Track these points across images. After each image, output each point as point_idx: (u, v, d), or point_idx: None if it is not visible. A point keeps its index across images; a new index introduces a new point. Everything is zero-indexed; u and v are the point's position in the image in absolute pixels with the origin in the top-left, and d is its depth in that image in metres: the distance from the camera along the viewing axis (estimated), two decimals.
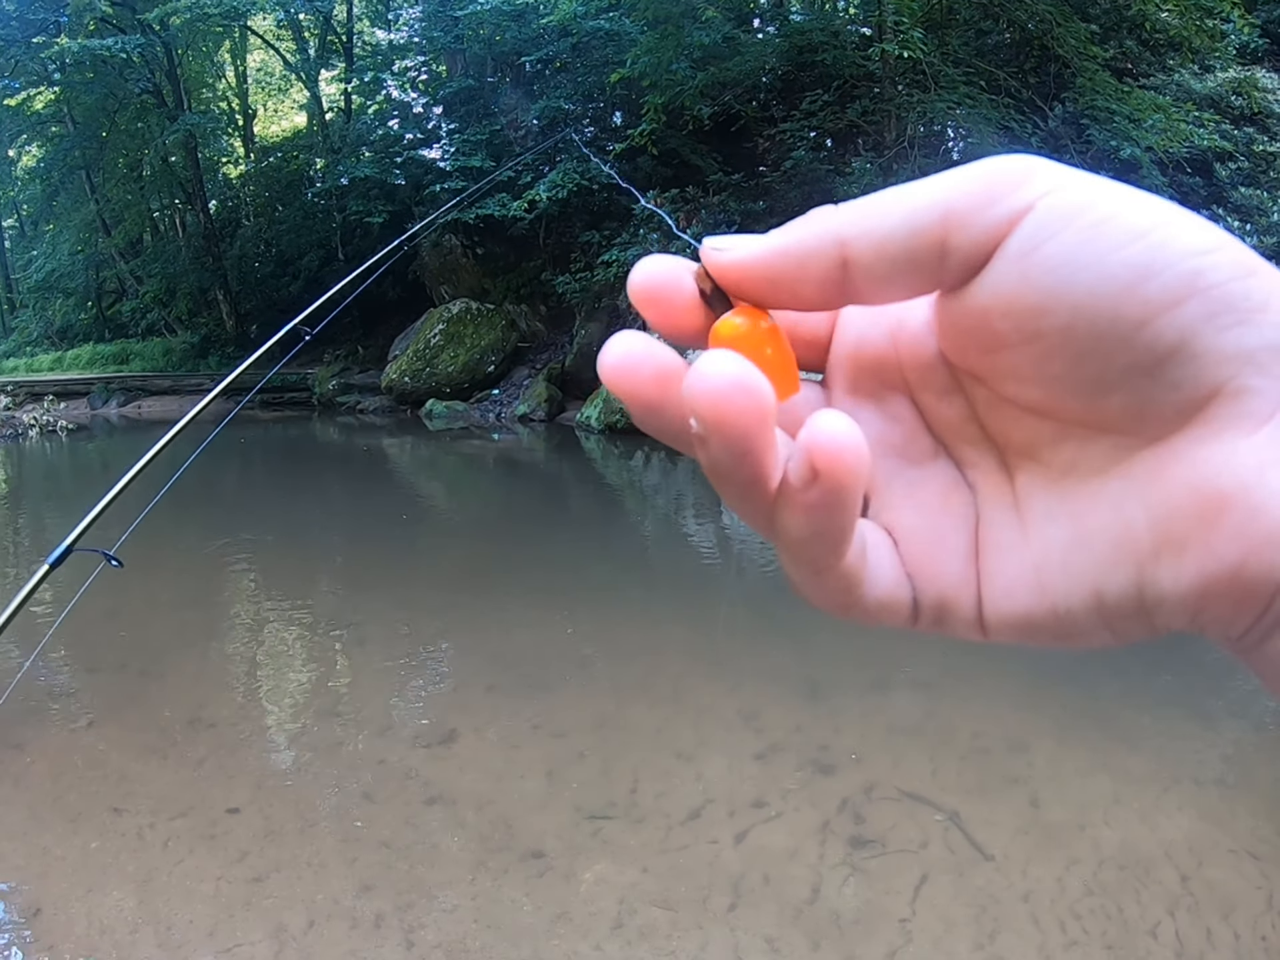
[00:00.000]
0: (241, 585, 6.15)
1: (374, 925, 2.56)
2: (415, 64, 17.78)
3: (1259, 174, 11.09)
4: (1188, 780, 3.88)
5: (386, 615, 5.24)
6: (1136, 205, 0.24)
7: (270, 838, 2.94)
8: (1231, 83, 11.06)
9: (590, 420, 12.06)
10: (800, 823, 3.23)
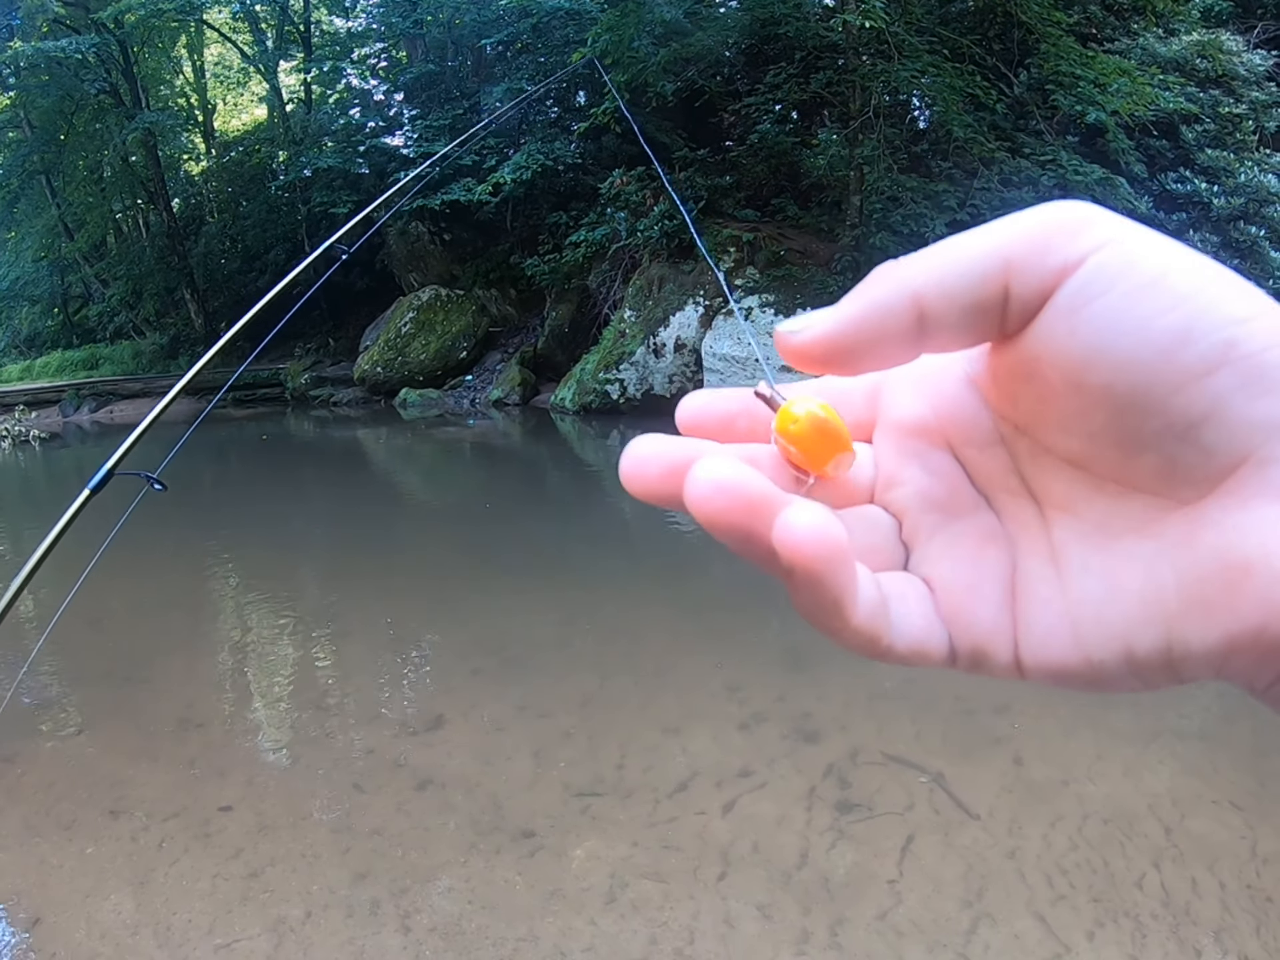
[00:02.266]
0: (223, 584, 6.13)
1: (370, 912, 2.58)
2: (374, 51, 17.60)
3: (1225, 136, 11.15)
4: (1169, 735, 3.94)
5: (369, 606, 5.25)
6: (1182, 268, 0.25)
7: (264, 833, 2.95)
8: (1196, 46, 11.09)
9: (565, 402, 12.05)
10: (786, 790, 3.27)
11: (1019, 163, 10.61)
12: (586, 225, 12.97)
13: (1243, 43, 11.49)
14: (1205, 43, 11.09)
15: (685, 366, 11.56)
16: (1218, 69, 11.13)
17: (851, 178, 11.54)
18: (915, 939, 2.59)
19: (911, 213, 10.81)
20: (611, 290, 12.86)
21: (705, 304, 11.47)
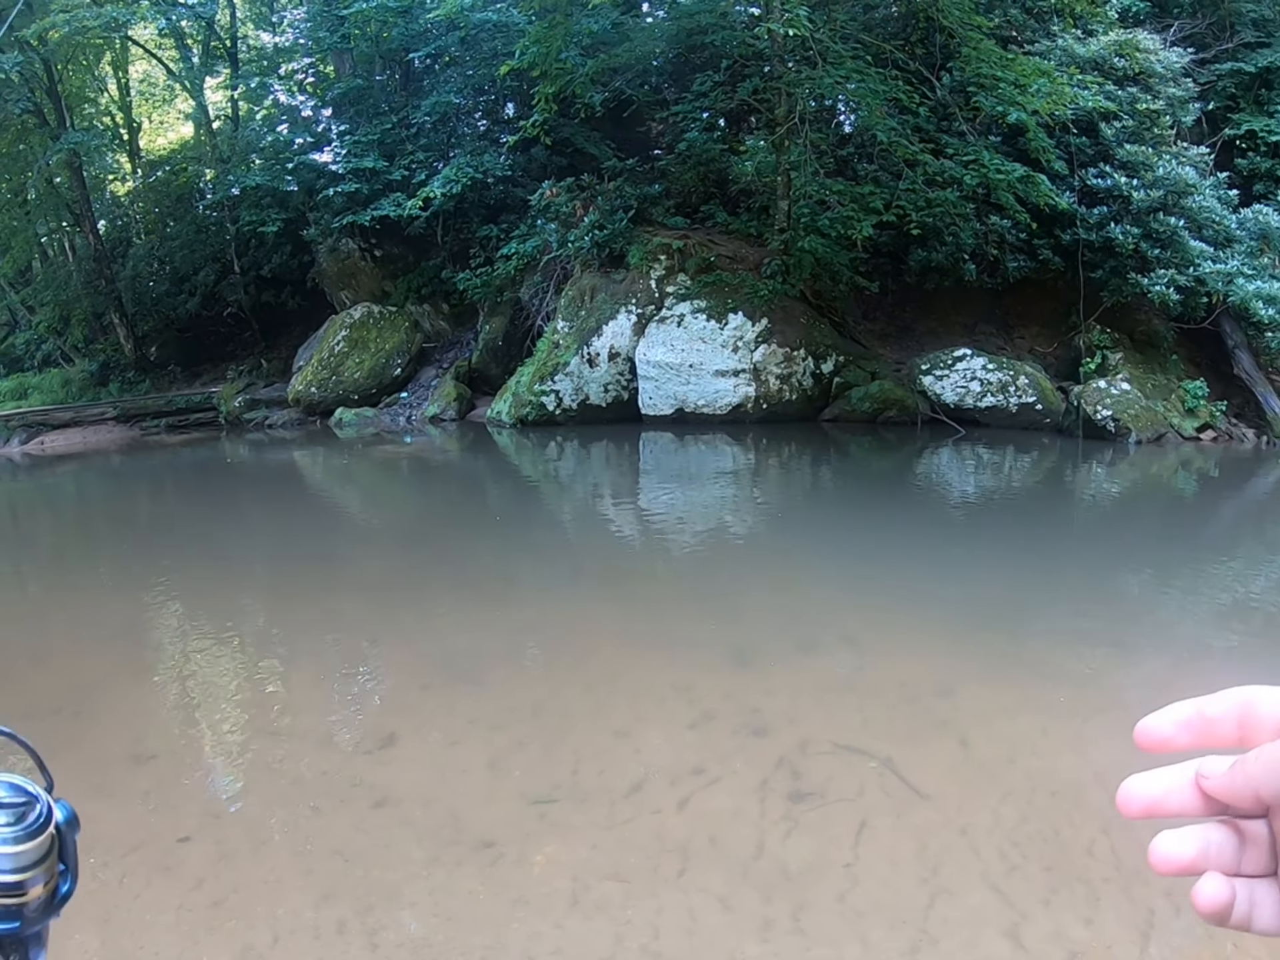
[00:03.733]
0: (166, 613, 6.01)
1: (337, 933, 2.57)
2: (302, 66, 17.38)
3: (1143, 131, 11.53)
4: (1112, 708, 4.05)
5: (315, 628, 5.19)
6: None
7: (224, 861, 2.92)
8: (1114, 45, 11.45)
9: (501, 415, 12.02)
10: (739, 784, 3.31)
11: (943, 163, 10.86)
12: (517, 237, 12.97)
13: (1159, 41, 11.88)
14: (1123, 42, 11.45)
15: (620, 375, 11.61)
16: (1135, 67, 11.50)
17: (779, 183, 11.72)
18: (875, 918, 2.64)
19: (839, 215, 11.00)
20: (544, 302, 12.87)
21: (638, 312, 11.54)
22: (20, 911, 0.53)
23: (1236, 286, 10.59)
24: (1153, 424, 10.66)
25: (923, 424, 11.16)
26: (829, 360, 11.64)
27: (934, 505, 8.40)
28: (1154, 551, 7.08)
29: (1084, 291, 11.91)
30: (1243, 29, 12.91)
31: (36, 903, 0.54)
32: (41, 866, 0.54)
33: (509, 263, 12.83)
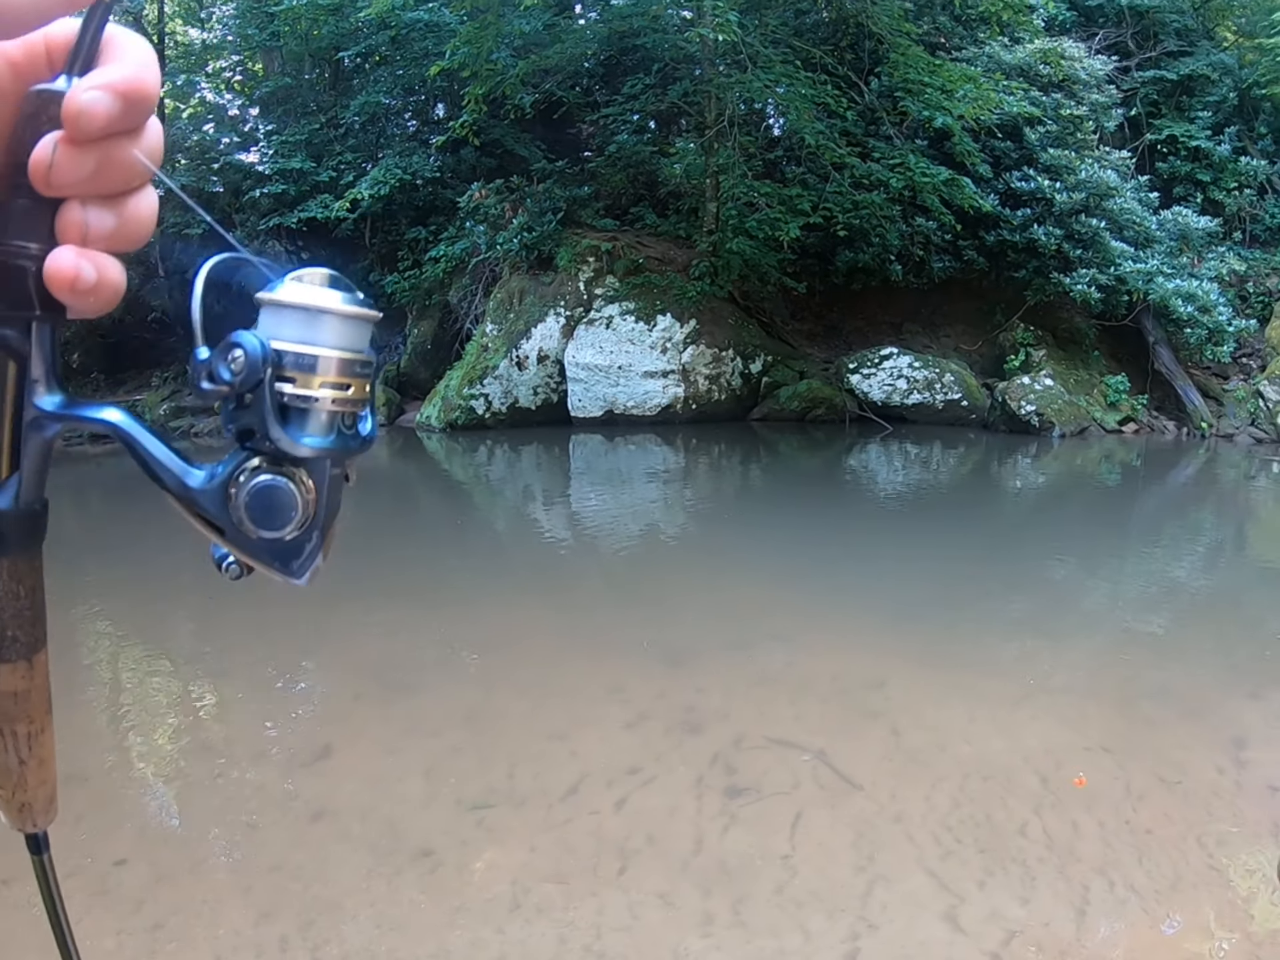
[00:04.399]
0: (94, 631, 5.81)
1: (279, 950, 2.51)
2: (230, 63, 17.01)
3: (1066, 136, 11.90)
4: (1039, 693, 4.16)
5: (245, 641, 5.06)
6: None
7: (162, 883, 2.83)
8: (1039, 53, 11.79)
9: (430, 420, 11.88)
10: (675, 782, 3.31)
11: (870, 166, 11.06)
12: (446, 240, 12.86)
13: (1084, 49, 12.29)
14: (1048, 50, 11.79)
15: (549, 378, 11.58)
16: (1060, 74, 11.87)
17: (708, 185, 11.81)
18: (814, 908, 2.66)
19: (766, 217, 11.12)
20: (473, 305, 12.78)
21: (566, 314, 11.52)
22: None
23: (1156, 285, 10.98)
24: (1076, 418, 10.98)
25: (851, 422, 11.34)
26: (757, 360, 11.75)
27: (864, 501, 8.51)
28: (1080, 541, 7.26)
29: (1008, 291, 12.25)
30: (1165, 38, 13.42)
31: None
32: None
33: (437, 265, 12.71)
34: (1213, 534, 7.97)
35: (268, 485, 0.42)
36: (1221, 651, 4.85)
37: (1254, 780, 3.41)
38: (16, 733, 0.46)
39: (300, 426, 0.42)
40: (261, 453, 0.43)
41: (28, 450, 0.42)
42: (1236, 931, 2.63)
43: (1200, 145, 12.96)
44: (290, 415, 0.42)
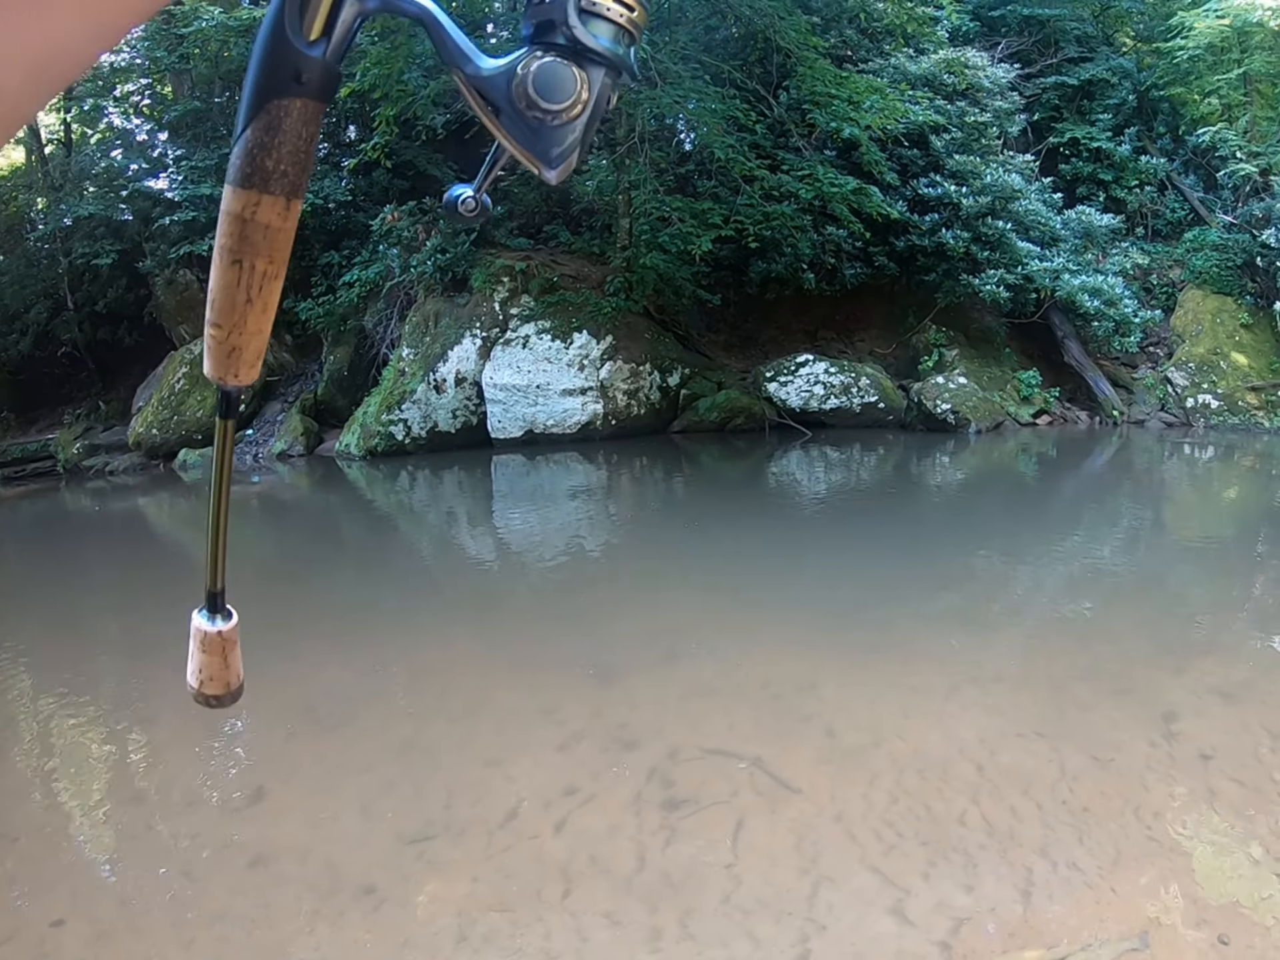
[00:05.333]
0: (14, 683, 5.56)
1: None
2: (139, 87, 16.51)
3: (971, 142, 12.26)
4: (968, 684, 4.20)
5: (172, 684, 4.82)
6: None
7: (102, 940, 2.71)
8: (943, 63, 12.13)
9: (350, 448, 11.69)
10: (613, 800, 3.28)
11: (780, 178, 11.23)
12: (359, 264, 12.70)
13: (987, 58, 12.68)
14: (952, 60, 12.14)
15: (468, 400, 11.48)
16: (964, 83, 12.23)
17: (620, 201, 11.87)
18: (761, 915, 2.64)
19: (679, 231, 11.20)
20: (388, 329, 12.63)
21: (482, 335, 11.44)
22: None
23: (1063, 282, 11.37)
24: (990, 413, 11.28)
25: (770, 429, 11.44)
26: (675, 373, 11.81)
27: (787, 507, 8.57)
28: (1002, 532, 7.42)
29: (919, 294, 12.56)
30: (1066, 45, 13.94)
31: None
32: None
33: (351, 290, 12.54)
34: (1131, 516, 8.21)
35: (555, 64, 0.47)
36: (1146, 629, 4.97)
37: (1186, 751, 3.49)
38: (255, 267, 0.49)
39: (594, 27, 0.48)
40: (553, 46, 0.48)
41: (341, 17, 0.46)
42: (1183, 899, 2.67)
43: (1101, 146, 13.45)
44: (586, 17, 0.48)
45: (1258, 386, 11.57)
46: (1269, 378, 11.63)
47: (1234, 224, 12.53)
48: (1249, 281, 12.28)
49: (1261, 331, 12.01)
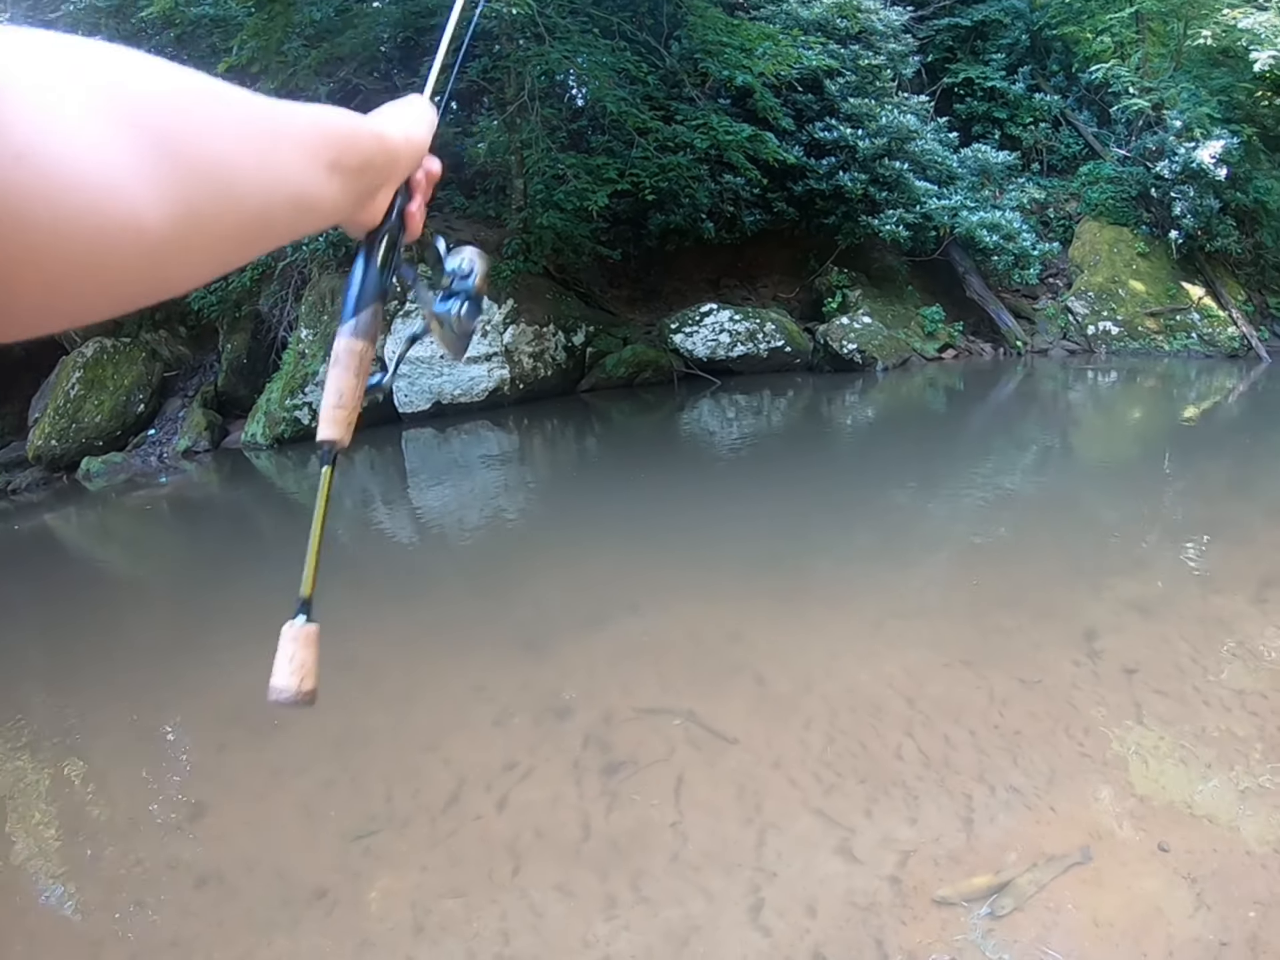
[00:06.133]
0: None
1: None
2: None
3: (866, 85, 12.31)
4: (892, 619, 4.28)
5: (99, 705, 4.69)
6: None
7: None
8: (835, 7, 12.03)
9: (256, 437, 11.32)
10: (552, 771, 3.28)
11: (674, 129, 11.12)
12: None
13: (880, 2, 12.67)
14: (844, 4, 12.03)
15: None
16: (857, 26, 12.20)
17: (513, 162, 11.63)
18: (711, 869, 2.67)
19: (574, 188, 11.00)
20: (285, 311, 12.20)
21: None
22: None
23: (961, 219, 11.55)
24: (896, 351, 11.47)
25: (679, 381, 11.41)
26: (579, 332, 11.67)
27: (702, 458, 8.58)
28: (915, 466, 7.53)
29: (819, 237, 12.63)
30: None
31: None
32: None
33: (243, 274, 12.05)
34: (1039, 443, 8.40)
35: None
36: (1060, 551, 5.09)
37: (1109, 668, 3.60)
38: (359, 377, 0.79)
39: None
40: None
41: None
42: (1120, 811, 2.77)
43: (995, 85, 13.63)
44: None
45: (1156, 312, 11.97)
46: (1166, 303, 12.03)
47: (1128, 157, 12.84)
48: (1144, 212, 12.62)
49: (1157, 259, 12.39)
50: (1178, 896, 2.44)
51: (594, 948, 2.47)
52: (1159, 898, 2.45)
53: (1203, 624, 3.95)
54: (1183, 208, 11.58)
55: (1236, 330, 11.53)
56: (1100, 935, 2.35)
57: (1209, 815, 2.74)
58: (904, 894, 2.54)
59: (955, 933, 2.41)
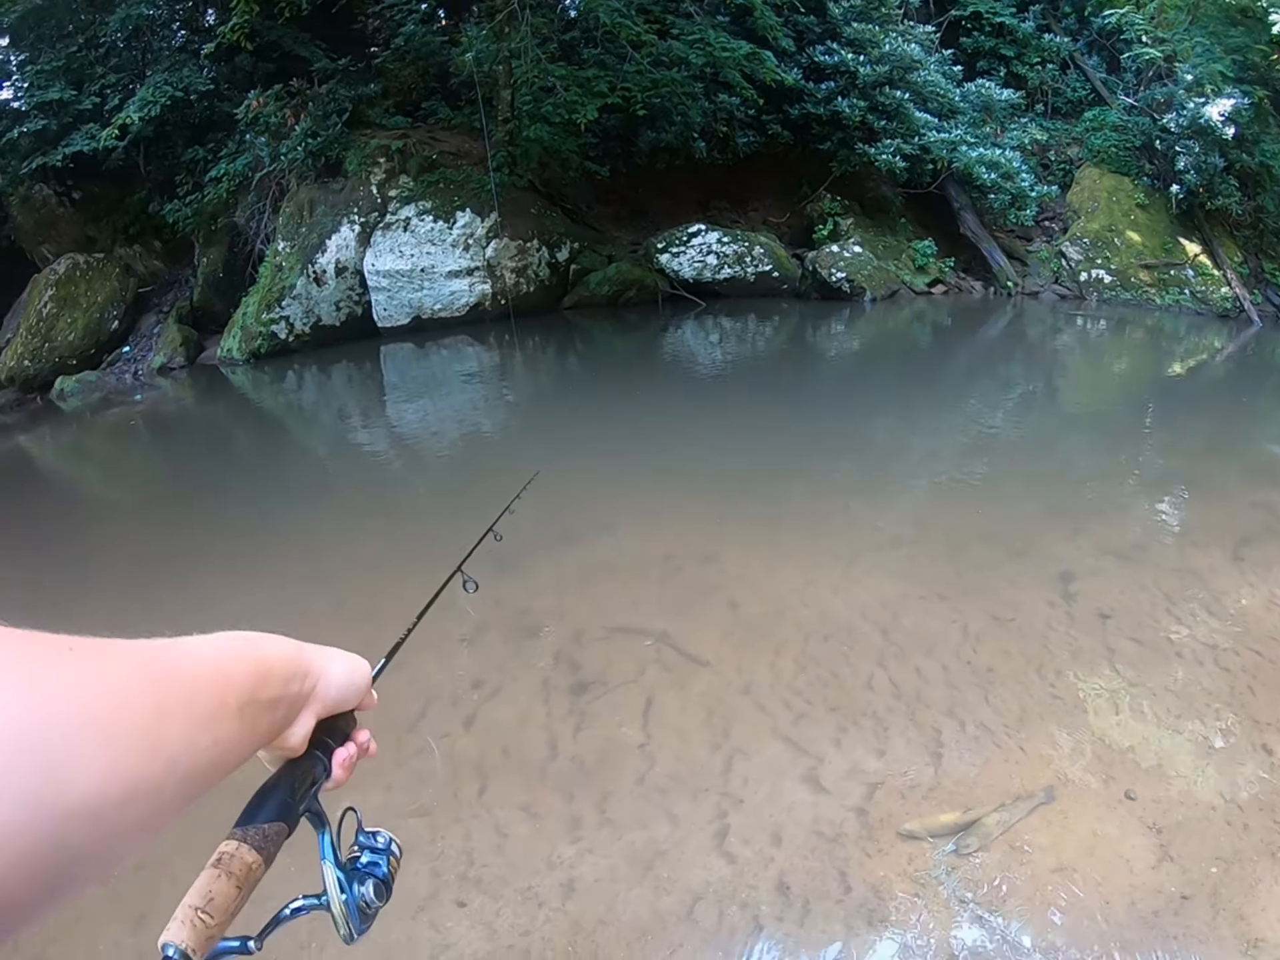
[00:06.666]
0: None
1: None
2: None
3: (870, 10, 11.93)
4: (868, 550, 4.24)
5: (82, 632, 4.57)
6: None
7: None
8: None
9: (232, 352, 11.09)
10: (520, 689, 3.24)
11: (670, 43, 10.74)
12: (226, 156, 11.80)
13: None
14: None
15: (350, 290, 10.92)
16: None
17: (500, 72, 11.23)
18: (677, 792, 2.64)
19: (563, 101, 10.67)
20: (262, 223, 11.86)
21: (361, 221, 10.83)
22: None
23: (960, 154, 11.28)
24: (885, 282, 11.29)
25: (664, 301, 11.21)
26: (564, 248, 11.42)
27: (683, 380, 8.48)
28: (897, 400, 7.45)
29: (813, 163, 12.33)
30: None
31: None
32: None
33: (219, 185, 11.67)
34: (1023, 385, 8.33)
35: None
36: (1039, 493, 5.05)
37: (1084, 611, 3.58)
38: None
39: None
40: None
41: None
42: (1089, 756, 2.76)
43: (1005, 22, 13.26)
44: None
45: (1150, 264, 11.79)
46: (1162, 256, 11.84)
47: (1135, 106, 12.55)
48: (1146, 163, 12.37)
49: (1156, 212, 12.18)
50: (1141, 845, 2.43)
51: (558, 869, 2.45)
52: (1123, 845, 2.44)
53: (1179, 575, 3.92)
54: (1186, 163, 11.34)
55: (1230, 291, 11.38)
56: (1064, 879, 2.34)
57: (1175, 767, 2.73)
58: (870, 826, 2.53)
59: (920, 868, 2.39)
